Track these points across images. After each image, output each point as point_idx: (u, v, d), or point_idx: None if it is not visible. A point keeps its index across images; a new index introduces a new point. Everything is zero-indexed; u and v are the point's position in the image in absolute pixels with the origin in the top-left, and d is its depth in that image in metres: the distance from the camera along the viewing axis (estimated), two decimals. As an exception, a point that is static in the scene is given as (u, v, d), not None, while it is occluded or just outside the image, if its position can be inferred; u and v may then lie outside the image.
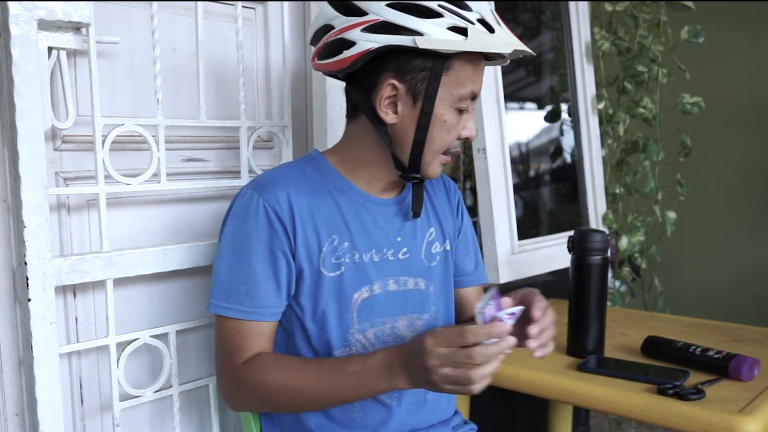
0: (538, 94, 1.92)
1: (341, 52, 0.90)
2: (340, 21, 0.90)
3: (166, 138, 1.06)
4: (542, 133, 1.93)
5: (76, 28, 0.96)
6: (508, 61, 1.01)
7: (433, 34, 0.86)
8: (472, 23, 0.88)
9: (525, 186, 1.86)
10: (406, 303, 1.01)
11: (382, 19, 0.87)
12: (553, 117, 1.94)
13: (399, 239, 1.01)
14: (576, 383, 1.13)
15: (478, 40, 0.87)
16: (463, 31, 0.87)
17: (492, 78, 1.53)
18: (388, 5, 0.87)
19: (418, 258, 1.03)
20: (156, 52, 1.04)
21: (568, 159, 1.97)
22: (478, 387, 0.81)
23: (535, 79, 1.91)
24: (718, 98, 2.12)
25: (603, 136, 1.99)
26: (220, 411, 1.19)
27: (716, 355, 1.14)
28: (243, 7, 1.18)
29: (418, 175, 0.96)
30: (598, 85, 1.96)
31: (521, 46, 0.91)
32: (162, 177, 1.06)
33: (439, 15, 0.86)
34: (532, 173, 1.89)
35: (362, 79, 0.93)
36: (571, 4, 1.91)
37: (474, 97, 0.94)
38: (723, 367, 1.11)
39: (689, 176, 2.02)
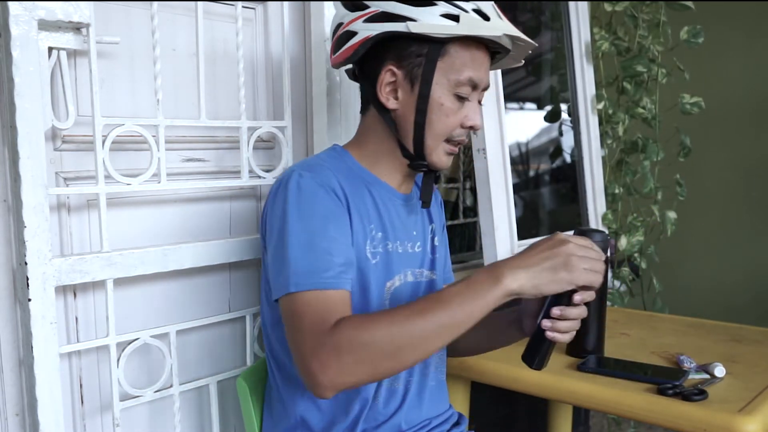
0: (538, 94, 1.92)
1: (345, 44, 0.97)
2: (348, 17, 0.98)
3: (166, 138, 1.06)
4: (542, 133, 1.93)
5: (77, 28, 0.96)
6: (522, 61, 1.07)
7: (425, 20, 0.92)
8: (466, 11, 0.93)
9: (525, 186, 1.86)
10: (420, 293, 1.06)
11: (381, 10, 0.94)
12: (552, 117, 1.93)
13: (414, 233, 1.07)
14: (576, 383, 1.13)
15: (470, 25, 0.92)
16: (455, 18, 0.92)
17: (492, 78, 1.52)
18: None
19: (426, 251, 1.09)
20: (156, 52, 1.04)
21: (568, 159, 1.97)
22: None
23: (534, 79, 1.91)
24: (718, 98, 2.12)
25: (603, 136, 1.99)
26: (220, 411, 1.19)
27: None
28: (243, 7, 1.18)
29: (425, 162, 0.99)
30: (598, 85, 1.95)
31: (516, 33, 0.95)
32: (162, 177, 1.06)
33: (433, 4, 0.93)
34: (532, 173, 1.89)
35: (367, 70, 0.99)
36: (571, 4, 1.91)
37: (475, 85, 0.97)
38: None
39: (689, 176, 2.02)
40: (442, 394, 1.10)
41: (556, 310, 0.87)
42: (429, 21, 0.91)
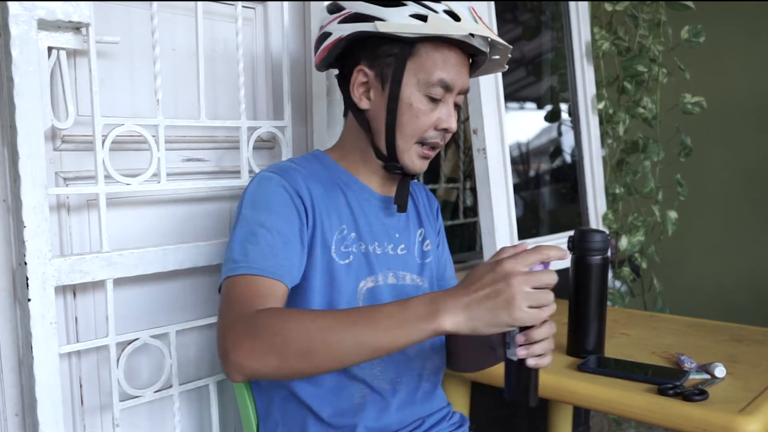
0: (538, 94, 1.92)
1: (322, 45, 1.00)
2: (327, 19, 1.00)
3: (166, 138, 1.06)
4: (542, 133, 1.93)
5: (76, 28, 0.96)
6: (506, 66, 1.07)
7: (393, 20, 0.93)
8: (436, 12, 0.93)
9: (525, 186, 1.86)
10: (404, 297, 1.01)
11: (354, 11, 0.96)
12: (553, 117, 1.93)
13: (397, 235, 1.06)
14: (576, 383, 1.13)
15: (437, 25, 0.92)
16: (423, 18, 0.92)
17: (492, 78, 1.53)
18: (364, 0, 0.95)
19: (412, 255, 1.08)
20: (156, 52, 1.04)
21: (568, 159, 1.97)
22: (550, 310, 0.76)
23: (535, 79, 1.91)
24: (719, 98, 2.12)
25: (603, 136, 1.99)
26: (220, 411, 1.19)
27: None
28: (243, 7, 1.18)
29: (398, 164, 1.00)
30: (598, 85, 1.95)
31: (486, 33, 0.94)
32: (162, 177, 1.06)
33: (403, 4, 0.94)
34: (532, 173, 1.89)
35: (343, 71, 1.02)
36: (571, 4, 1.91)
37: (447, 87, 0.96)
38: None
39: (689, 176, 2.02)
40: (436, 392, 1.09)
41: (520, 337, 0.78)
42: (397, 21, 0.92)
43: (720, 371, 1.13)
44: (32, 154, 0.89)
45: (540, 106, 1.92)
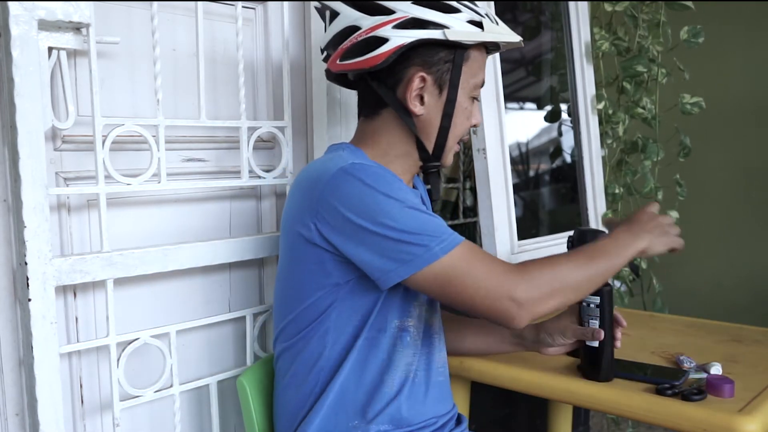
0: (538, 94, 1.92)
1: (373, 50, 0.96)
2: (367, 21, 0.96)
3: (166, 138, 1.06)
4: (542, 133, 1.93)
5: (76, 28, 0.96)
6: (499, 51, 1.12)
7: (457, 27, 0.96)
8: (483, 17, 0.99)
9: (525, 186, 1.86)
10: None
11: (410, 15, 0.95)
12: (553, 117, 1.93)
13: None
14: (576, 383, 1.13)
15: (493, 31, 0.99)
16: (479, 24, 0.98)
17: (492, 78, 1.53)
18: (414, 3, 0.96)
19: None
20: (156, 52, 1.04)
21: (568, 159, 1.97)
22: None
23: (535, 79, 1.91)
24: (718, 98, 2.12)
25: (603, 136, 1.99)
26: (220, 411, 1.19)
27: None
28: (243, 7, 1.18)
29: (439, 163, 1.05)
30: (598, 85, 1.95)
31: (515, 38, 1.04)
32: (162, 177, 1.06)
33: (458, 10, 0.97)
34: (532, 173, 1.89)
35: (387, 74, 0.99)
36: (571, 4, 1.91)
37: (482, 87, 1.05)
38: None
39: (689, 176, 2.02)
40: (446, 391, 1.11)
41: (618, 317, 1.11)
42: (460, 28, 0.96)
43: (716, 370, 1.13)
44: (32, 154, 0.89)
45: (540, 106, 1.92)
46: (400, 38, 0.95)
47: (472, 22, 0.97)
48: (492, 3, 1.54)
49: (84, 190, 1.00)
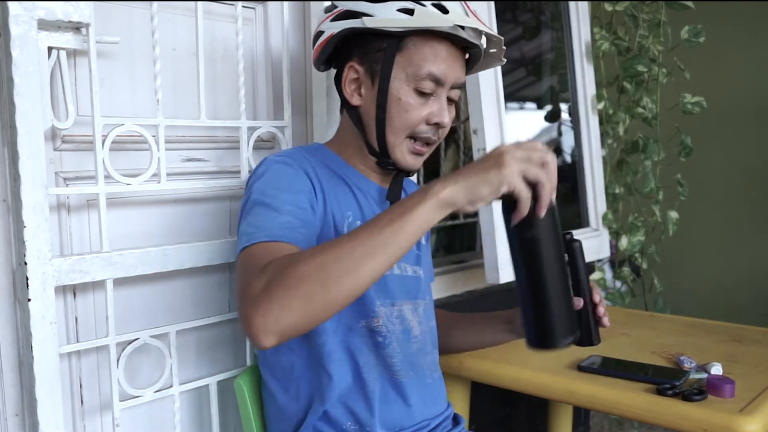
0: (538, 94, 1.92)
1: (316, 44, 1.02)
2: (322, 18, 1.01)
3: (166, 138, 1.06)
4: (542, 133, 1.93)
5: (76, 28, 0.96)
6: (504, 59, 1.05)
7: (381, 15, 0.93)
8: (423, 5, 0.92)
9: (525, 186, 1.85)
10: (408, 287, 1.05)
11: (344, 8, 0.96)
12: (553, 117, 1.94)
13: None
14: (576, 383, 1.13)
15: (423, 19, 0.92)
16: (410, 12, 0.92)
17: (492, 78, 1.53)
18: None
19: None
20: (156, 52, 1.04)
21: (568, 159, 1.97)
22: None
23: (535, 79, 1.91)
24: (719, 98, 2.12)
25: (603, 136, 1.99)
26: (220, 411, 1.19)
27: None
28: (243, 7, 1.18)
29: (390, 160, 1.00)
30: (598, 85, 1.95)
31: (473, 24, 0.93)
32: (162, 177, 1.06)
33: (391, 0, 0.93)
34: (532, 173, 1.89)
35: (337, 68, 1.03)
36: (571, 4, 1.91)
37: (438, 81, 0.95)
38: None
39: (689, 176, 2.02)
40: (440, 392, 1.10)
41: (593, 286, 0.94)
42: (384, 16, 0.93)
43: (717, 370, 1.13)
44: (32, 154, 0.89)
45: (540, 106, 1.92)
46: (330, 29, 0.97)
47: (403, 10, 0.92)
48: (492, 3, 1.54)
49: (84, 190, 1.00)
